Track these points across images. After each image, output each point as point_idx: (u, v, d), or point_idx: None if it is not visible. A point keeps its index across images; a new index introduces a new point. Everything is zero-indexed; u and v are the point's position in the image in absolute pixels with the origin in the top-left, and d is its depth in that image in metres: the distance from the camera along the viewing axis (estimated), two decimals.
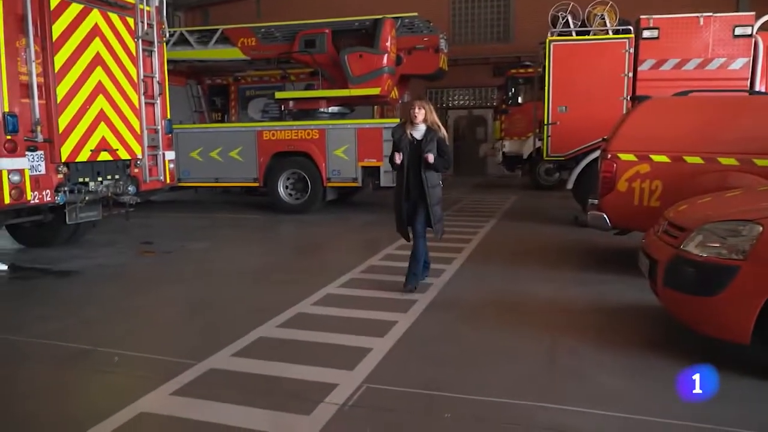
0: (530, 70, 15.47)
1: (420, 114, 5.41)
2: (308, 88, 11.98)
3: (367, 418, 3.14)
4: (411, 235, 5.63)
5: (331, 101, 11.56)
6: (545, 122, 10.24)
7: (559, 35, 10.25)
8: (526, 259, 7.04)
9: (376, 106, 13.39)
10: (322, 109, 11.55)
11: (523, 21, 20.09)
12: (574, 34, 10.23)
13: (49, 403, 3.42)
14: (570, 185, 10.13)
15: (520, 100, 16.01)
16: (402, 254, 7.18)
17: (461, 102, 22.03)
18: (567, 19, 10.28)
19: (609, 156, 6.29)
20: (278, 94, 11.84)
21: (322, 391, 3.43)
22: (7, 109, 5.75)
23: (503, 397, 3.36)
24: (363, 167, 10.72)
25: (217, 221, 10.72)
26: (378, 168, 10.60)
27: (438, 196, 5.52)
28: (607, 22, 10.14)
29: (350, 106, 12.22)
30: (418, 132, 5.41)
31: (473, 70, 20.58)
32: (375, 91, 10.76)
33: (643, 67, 9.66)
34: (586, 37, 10.15)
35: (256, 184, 11.42)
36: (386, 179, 10.55)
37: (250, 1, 22.50)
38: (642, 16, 9.73)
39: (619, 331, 4.50)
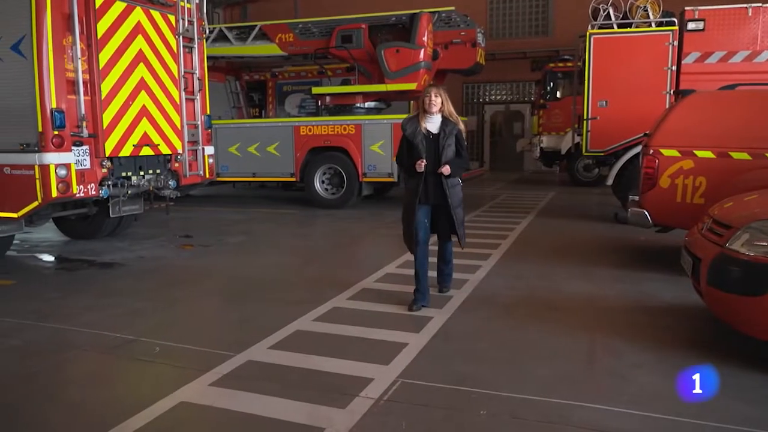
0: (569, 64, 15.22)
1: (437, 102, 4.75)
2: (345, 83, 12.04)
3: (402, 413, 3.15)
4: (435, 240, 5.12)
5: (367, 96, 11.57)
6: (585, 117, 10.06)
7: (599, 28, 10.04)
8: (563, 256, 6.94)
9: (412, 102, 13.35)
10: (358, 105, 11.58)
11: (563, 14, 19.77)
12: (615, 26, 10.01)
13: (94, 390, 3.53)
14: (610, 181, 9.95)
15: (558, 94, 15.78)
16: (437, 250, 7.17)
17: (498, 97, 21.81)
18: (608, 12, 10.06)
19: (651, 151, 6.15)
20: (315, 90, 11.92)
21: (358, 384, 3.45)
22: (54, 105, 5.92)
23: (540, 395, 3.32)
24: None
25: (254, 216, 10.86)
26: None
27: (459, 197, 4.96)
28: (650, 14, 9.88)
29: (386, 102, 12.21)
30: (434, 124, 4.80)
31: (511, 65, 20.34)
32: (412, 86, 10.74)
33: (688, 60, 9.40)
34: (628, 29, 9.92)
35: (293, 179, 11.53)
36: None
37: None
38: (687, 8, 9.47)
39: (661, 330, 4.40)
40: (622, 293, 5.38)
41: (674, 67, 9.50)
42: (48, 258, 7.44)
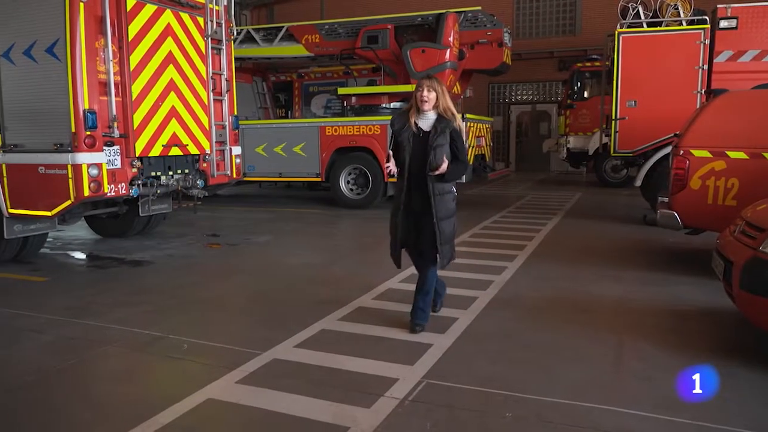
0: (597, 63, 15.06)
1: (430, 97, 4.12)
2: (370, 83, 12.06)
3: (427, 413, 3.15)
4: (414, 261, 4.48)
5: (393, 97, 11.58)
6: (613, 117, 9.94)
7: (629, 27, 9.91)
8: (591, 257, 6.86)
9: None
10: (384, 105, 11.60)
11: (591, 13, 19.56)
12: (645, 25, 9.87)
13: (124, 385, 3.59)
14: (638, 182, 9.81)
15: (586, 94, 15.63)
16: (465, 251, 7.15)
17: (524, 97, 21.66)
18: (638, 10, 9.92)
19: (681, 152, 6.05)
20: (341, 90, 11.97)
21: (383, 384, 3.46)
22: (87, 106, 6.04)
23: (566, 398, 3.29)
24: None
25: (279, 215, 10.95)
26: None
27: (449, 208, 4.23)
28: (681, 12, 9.72)
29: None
30: (426, 121, 4.18)
31: (537, 64, 20.20)
32: None
33: (720, 59, 9.23)
34: (659, 28, 9.77)
35: (319, 179, 11.59)
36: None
37: None
38: (719, 6, 9.29)
39: (691, 334, 4.33)
40: (650, 296, 5.30)
41: (705, 66, 9.33)
42: (80, 255, 7.60)
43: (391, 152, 4.22)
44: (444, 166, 4.05)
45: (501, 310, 4.93)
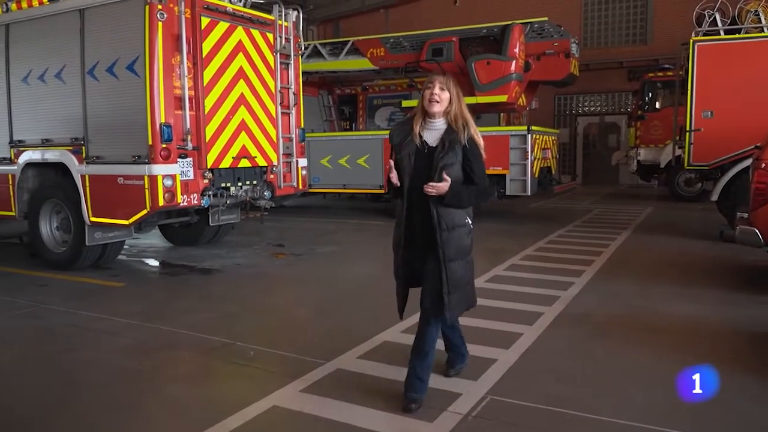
0: (670, 73, 14.53)
1: (443, 97, 3.22)
2: None
3: (490, 430, 3.10)
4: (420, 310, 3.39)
5: None
6: (687, 129, 9.55)
7: (704, 35, 9.53)
8: (662, 275, 6.60)
9: (502, 114, 13.20)
10: None
11: (663, 21, 18.94)
12: (722, 33, 9.47)
13: (192, 389, 3.72)
14: (715, 197, 9.37)
15: (657, 105, 15.10)
16: (530, 265, 7.03)
17: (592, 108, 21.15)
18: (714, 17, 9.53)
19: (763, 165, 5.74)
20: (405, 103, 12.06)
21: (446, 399, 3.43)
22: (163, 120, 6.32)
23: (634, 420, 3.17)
24: (488, 175, 10.61)
25: (343, 226, 11.08)
26: (504, 176, 10.48)
27: (462, 246, 3.27)
28: (762, 18, 9.28)
29: (476, 114, 12.13)
30: (433, 133, 3.27)
31: (606, 75, 19.72)
32: (502, 98, 10.62)
33: None
34: (737, 36, 9.34)
35: (382, 191, 11.67)
36: (514, 187, 10.40)
37: (379, 13, 23.13)
38: None
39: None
40: (726, 317, 5.04)
41: None
42: (153, 263, 7.94)
43: (392, 163, 3.31)
44: (443, 185, 3.10)
45: (568, 326, 4.80)
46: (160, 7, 6.22)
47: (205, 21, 6.73)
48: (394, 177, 3.25)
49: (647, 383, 3.68)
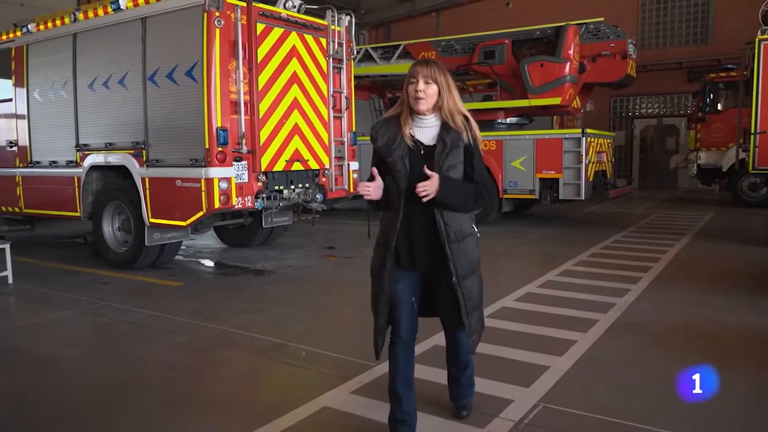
0: (733, 73, 13.98)
1: (429, 92, 2.80)
2: (486, 99, 11.97)
3: None
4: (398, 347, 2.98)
5: (509, 112, 11.44)
6: (752, 131, 9.18)
7: None
8: (724, 283, 6.34)
9: (555, 116, 12.98)
10: (500, 120, 11.48)
11: (725, 20, 18.27)
12: None
13: (245, 389, 3.79)
14: None
15: (719, 107, 14.56)
16: (584, 271, 6.88)
17: (649, 110, 20.56)
18: None
19: None
20: None
21: (498, 405, 3.39)
22: (219, 124, 6.49)
23: None
24: (541, 179, 10.48)
25: None
26: (557, 180, 10.30)
27: (472, 259, 2.91)
28: None
29: (529, 117, 11.99)
30: (426, 131, 2.87)
31: (664, 76, 19.15)
32: (555, 101, 10.45)
33: None
34: None
35: None
36: (568, 191, 10.21)
37: (430, 16, 23.12)
38: None
39: None
40: None
41: None
42: (209, 263, 8.15)
43: (375, 170, 2.86)
44: (433, 182, 2.69)
45: (623, 334, 4.67)
46: (217, 14, 6.39)
47: (260, 27, 6.87)
48: (370, 189, 2.80)
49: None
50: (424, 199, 2.71)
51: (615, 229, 10.26)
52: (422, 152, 2.82)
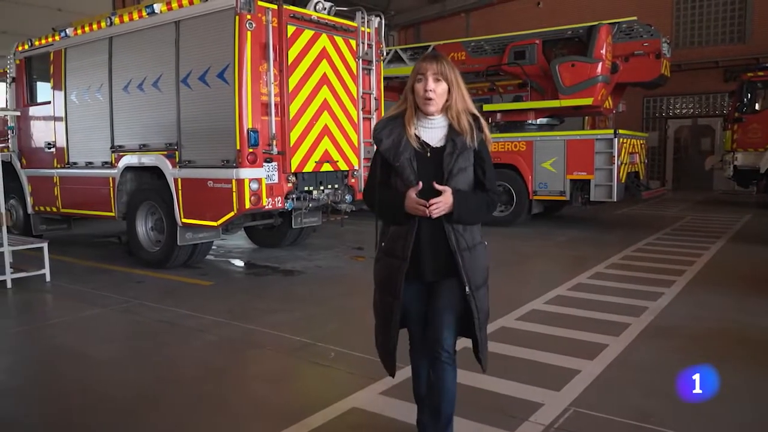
0: None
1: (438, 91, 2.58)
2: (516, 99, 11.88)
3: None
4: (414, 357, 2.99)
5: (539, 113, 11.33)
6: None
7: None
8: (762, 287, 6.17)
9: (586, 117, 12.81)
10: (530, 121, 11.38)
11: (763, 18, 17.81)
12: None
13: (277, 387, 3.83)
14: None
15: (757, 107, 14.19)
16: (616, 274, 6.77)
17: (684, 110, 20.13)
18: None
19: None
20: (486, 107, 11.90)
21: (527, 409, 3.36)
22: (250, 126, 6.56)
23: None
24: (572, 180, 10.35)
25: None
26: (588, 181, 10.16)
27: (484, 268, 2.79)
28: None
29: (560, 117, 11.86)
30: (433, 131, 2.65)
31: (699, 75, 18.74)
32: (587, 101, 10.32)
33: None
34: None
35: None
36: (599, 193, 10.07)
37: (460, 17, 23.02)
38: None
39: None
40: None
41: None
42: (239, 263, 8.24)
43: (377, 175, 2.71)
44: (447, 197, 2.51)
45: (657, 339, 4.59)
46: (249, 17, 6.46)
47: (291, 29, 6.93)
48: (439, 204, 2.50)
49: (739, 401, 3.47)
50: (435, 216, 2.51)
51: (648, 232, 10.08)
52: (429, 155, 2.60)
